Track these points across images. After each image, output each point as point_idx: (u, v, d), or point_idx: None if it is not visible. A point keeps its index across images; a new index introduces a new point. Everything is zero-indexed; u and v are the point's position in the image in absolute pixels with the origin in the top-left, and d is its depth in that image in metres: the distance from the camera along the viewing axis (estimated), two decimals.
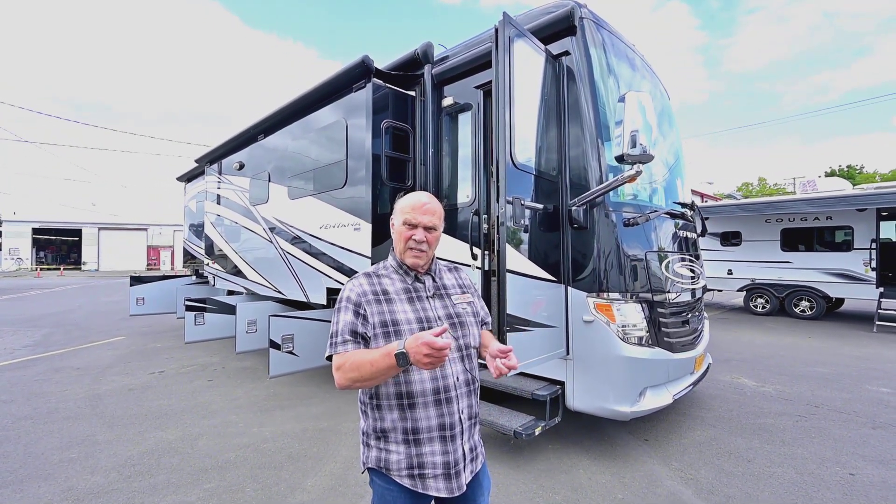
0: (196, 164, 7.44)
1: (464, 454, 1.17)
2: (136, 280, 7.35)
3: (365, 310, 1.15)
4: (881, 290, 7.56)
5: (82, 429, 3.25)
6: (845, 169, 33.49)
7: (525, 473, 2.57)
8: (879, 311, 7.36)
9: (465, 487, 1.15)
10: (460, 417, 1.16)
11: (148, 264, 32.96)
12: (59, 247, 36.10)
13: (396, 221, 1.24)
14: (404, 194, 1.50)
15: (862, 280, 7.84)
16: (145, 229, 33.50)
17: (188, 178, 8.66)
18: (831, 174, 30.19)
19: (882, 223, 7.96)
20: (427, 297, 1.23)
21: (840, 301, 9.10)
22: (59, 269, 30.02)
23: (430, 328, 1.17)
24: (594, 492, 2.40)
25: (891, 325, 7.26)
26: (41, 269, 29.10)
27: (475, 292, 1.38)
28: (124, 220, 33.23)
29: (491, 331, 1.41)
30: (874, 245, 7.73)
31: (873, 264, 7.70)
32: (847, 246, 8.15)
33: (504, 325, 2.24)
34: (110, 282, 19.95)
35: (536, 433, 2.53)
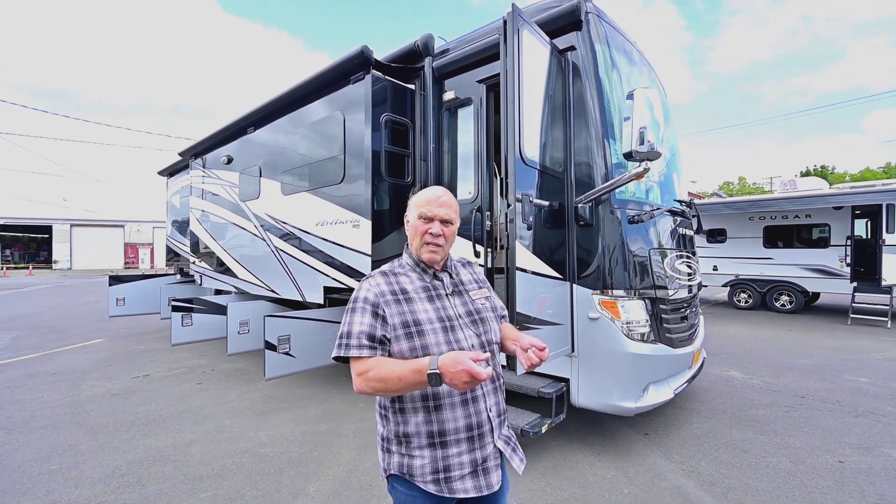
0: (179, 158, 7.14)
1: (495, 451, 1.14)
2: (116, 279, 7.01)
3: (384, 311, 1.10)
4: (854, 284, 7.93)
5: (63, 438, 3.07)
6: (819, 169, 34.96)
7: (531, 471, 2.56)
8: (853, 304, 7.72)
9: (495, 487, 1.11)
10: (488, 416, 1.13)
11: (125, 262, 31.64)
12: (27, 244, 34.28)
13: (411, 217, 1.20)
14: (419, 189, 1.45)
15: (837, 275, 8.21)
16: (122, 226, 32.12)
17: (171, 172, 8.31)
18: (806, 174, 31.53)
19: (856, 221, 8.34)
20: (446, 295, 1.19)
21: (817, 295, 9.52)
22: (27, 267, 28.50)
23: (451, 327, 1.13)
24: (601, 487, 2.41)
25: (864, 318, 7.63)
26: (7, 269, 27.57)
27: (490, 287, 1.35)
28: (99, 216, 31.77)
29: (514, 324, 1.38)
30: (849, 242, 8.09)
31: (848, 260, 8.06)
32: (824, 243, 8.51)
33: (514, 323, 2.21)
34: (85, 281, 19.05)
35: (543, 431, 2.52)
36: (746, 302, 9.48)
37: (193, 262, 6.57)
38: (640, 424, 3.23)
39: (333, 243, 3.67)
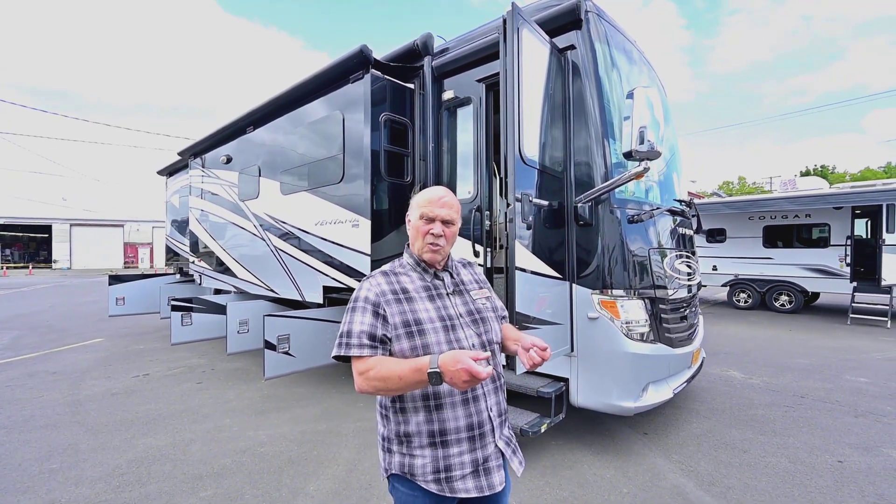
0: (179, 158, 7.14)
1: (496, 451, 1.14)
2: (116, 279, 7.02)
3: (384, 310, 1.10)
4: (854, 284, 7.92)
5: (63, 437, 3.07)
6: (819, 169, 34.92)
7: (531, 470, 2.56)
8: (853, 304, 7.72)
9: (497, 487, 1.11)
10: (489, 415, 1.13)
11: (125, 262, 31.65)
12: (26, 244, 34.29)
13: (413, 216, 1.20)
14: (419, 189, 1.45)
15: (837, 275, 8.20)
16: (121, 225, 32.12)
17: (170, 171, 8.31)
18: (806, 174, 31.50)
19: (856, 221, 8.33)
20: (447, 294, 1.20)
21: (816, 295, 9.51)
22: (27, 267, 28.51)
23: (452, 326, 1.14)
24: (600, 487, 2.41)
25: (864, 318, 7.63)
26: (7, 268, 27.58)
27: (490, 288, 1.35)
28: (99, 215, 31.77)
29: (514, 324, 1.38)
30: (849, 242, 8.09)
31: (848, 260, 8.06)
32: (824, 243, 8.51)
33: (514, 323, 2.21)
34: (85, 280, 19.06)
35: (542, 430, 2.52)
36: (746, 302, 9.48)
37: (193, 262, 6.58)
38: (638, 424, 3.24)
39: (333, 243, 3.67)
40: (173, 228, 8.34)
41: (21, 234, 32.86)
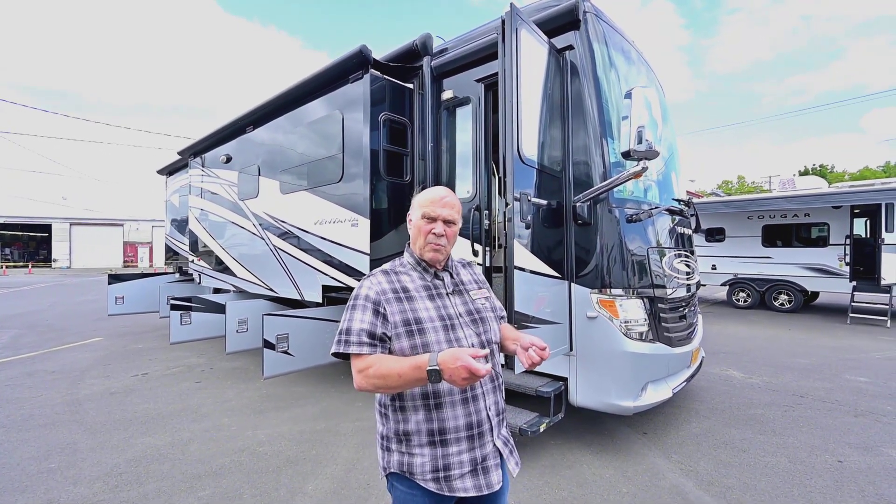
0: (179, 157, 7.13)
1: (494, 451, 1.14)
2: (115, 278, 7.02)
3: (385, 308, 1.11)
4: (854, 283, 7.92)
5: (62, 436, 3.07)
6: (818, 168, 34.93)
7: (530, 470, 2.56)
8: (853, 303, 7.72)
9: (495, 486, 1.11)
10: (488, 415, 1.14)
11: (125, 261, 31.66)
12: (26, 243, 34.33)
13: (414, 216, 1.21)
14: (419, 189, 1.46)
15: (836, 274, 8.21)
16: (121, 225, 32.13)
17: (170, 171, 8.30)
18: (805, 173, 31.50)
19: (855, 220, 8.33)
20: (447, 294, 1.20)
21: (815, 294, 9.51)
22: (26, 266, 28.51)
23: (451, 325, 1.14)
24: (599, 486, 2.41)
25: (863, 317, 7.63)
26: (7, 267, 27.58)
27: (489, 288, 1.36)
28: (98, 214, 31.79)
29: (513, 323, 1.39)
30: (848, 241, 8.09)
31: (847, 259, 8.06)
32: (823, 242, 8.51)
33: (513, 322, 2.21)
34: (84, 280, 19.05)
35: (541, 430, 2.52)
36: (745, 301, 9.49)
37: (192, 261, 6.57)
38: (637, 423, 3.23)
39: (332, 242, 3.66)
40: (173, 228, 8.33)
41: (21, 233, 32.89)
